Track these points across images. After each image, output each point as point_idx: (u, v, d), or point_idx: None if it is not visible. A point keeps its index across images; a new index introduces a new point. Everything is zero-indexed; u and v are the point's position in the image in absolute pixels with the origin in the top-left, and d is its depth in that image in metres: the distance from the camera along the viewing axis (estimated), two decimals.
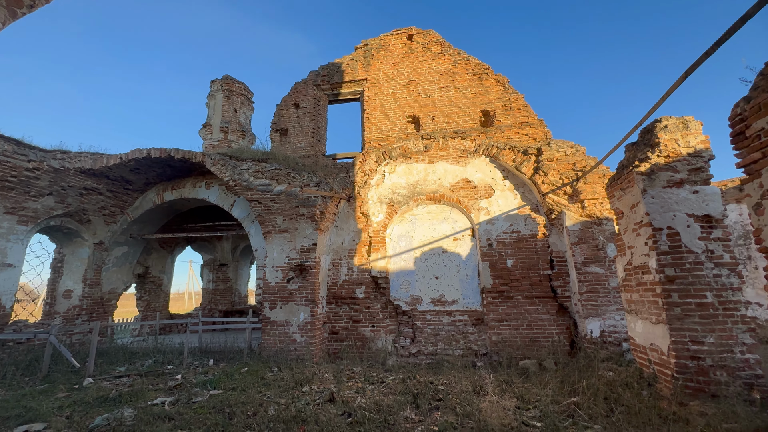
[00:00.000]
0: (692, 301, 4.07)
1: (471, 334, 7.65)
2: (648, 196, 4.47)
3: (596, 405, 4.29)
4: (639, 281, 4.69)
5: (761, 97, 2.86)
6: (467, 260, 8.08)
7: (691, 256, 4.18)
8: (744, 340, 3.87)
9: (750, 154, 3.00)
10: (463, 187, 8.26)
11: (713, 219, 4.20)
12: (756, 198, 2.96)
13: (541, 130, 8.28)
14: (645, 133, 4.86)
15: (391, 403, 4.37)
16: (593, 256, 6.80)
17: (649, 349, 4.56)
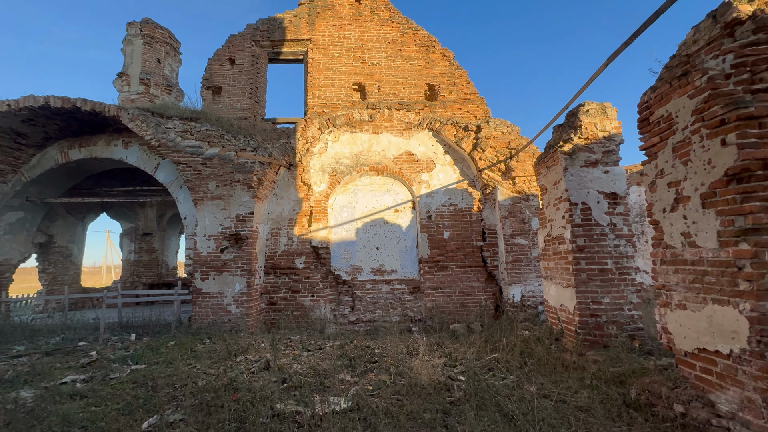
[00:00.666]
0: (596, 268, 4.66)
1: (408, 302, 8.02)
2: (568, 174, 4.93)
3: (513, 359, 4.82)
4: (555, 251, 5.23)
5: (664, 88, 3.23)
6: (407, 231, 8.33)
7: (599, 228, 4.75)
8: (632, 299, 4.57)
9: (651, 138, 3.42)
10: (406, 159, 8.36)
11: (618, 196, 4.78)
12: (652, 177, 3.41)
13: (481, 107, 8.59)
14: (570, 116, 5.28)
15: (327, 368, 4.47)
16: (520, 229, 7.42)
17: (559, 309, 5.18)
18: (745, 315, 2.47)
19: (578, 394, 3.55)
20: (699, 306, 2.85)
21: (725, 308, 2.62)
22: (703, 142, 2.82)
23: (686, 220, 2.98)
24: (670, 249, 3.17)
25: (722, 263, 2.65)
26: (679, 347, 3.07)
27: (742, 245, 2.51)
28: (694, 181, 2.90)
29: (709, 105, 2.77)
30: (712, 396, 2.75)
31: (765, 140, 2.51)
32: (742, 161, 2.52)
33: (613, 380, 3.69)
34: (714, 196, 2.73)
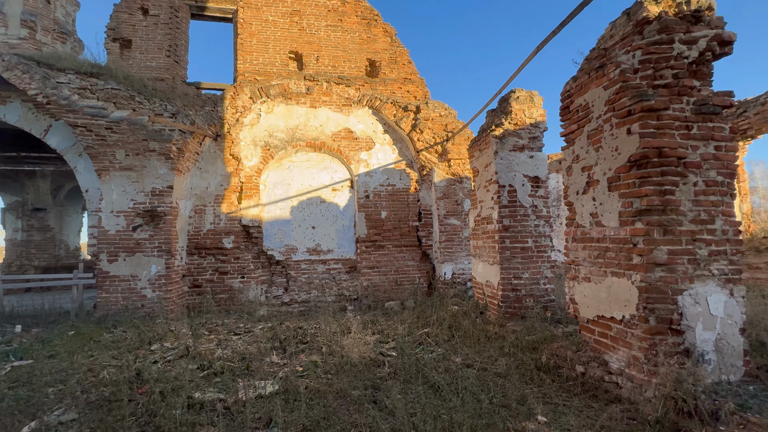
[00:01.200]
0: (518, 246, 5.02)
1: (344, 281, 7.98)
2: (498, 157, 5.16)
3: (442, 333, 5.05)
4: (484, 230, 5.52)
5: (583, 78, 3.46)
6: (344, 211, 8.19)
7: (522, 209, 5.09)
8: (547, 275, 5.02)
9: (570, 125, 3.67)
10: (345, 137, 8.12)
11: (540, 180, 5.15)
12: (569, 162, 3.68)
13: (421, 88, 8.60)
14: (502, 101, 5.49)
15: (255, 351, 4.25)
16: (453, 210, 7.71)
17: (485, 285, 5.52)
18: (636, 285, 2.81)
19: (498, 362, 3.83)
20: (601, 278, 3.19)
21: (621, 280, 2.95)
22: (613, 130, 3.08)
23: (595, 201, 3.28)
24: (580, 228, 3.48)
25: (621, 240, 2.97)
26: (582, 315, 3.43)
27: (638, 224, 2.83)
28: (604, 166, 3.18)
29: (620, 96, 3.02)
30: (606, 356, 3.13)
31: (662, 131, 2.82)
32: (642, 149, 2.81)
33: (528, 347, 4.04)
34: (618, 180, 3.02)
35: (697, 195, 2.78)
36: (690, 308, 2.67)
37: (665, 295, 2.69)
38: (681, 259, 2.72)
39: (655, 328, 2.68)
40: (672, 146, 2.77)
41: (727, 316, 2.69)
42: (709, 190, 2.79)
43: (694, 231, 2.75)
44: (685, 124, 2.84)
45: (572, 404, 2.89)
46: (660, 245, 2.73)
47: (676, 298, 2.68)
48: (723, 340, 2.66)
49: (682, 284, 2.70)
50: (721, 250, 2.76)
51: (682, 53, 2.89)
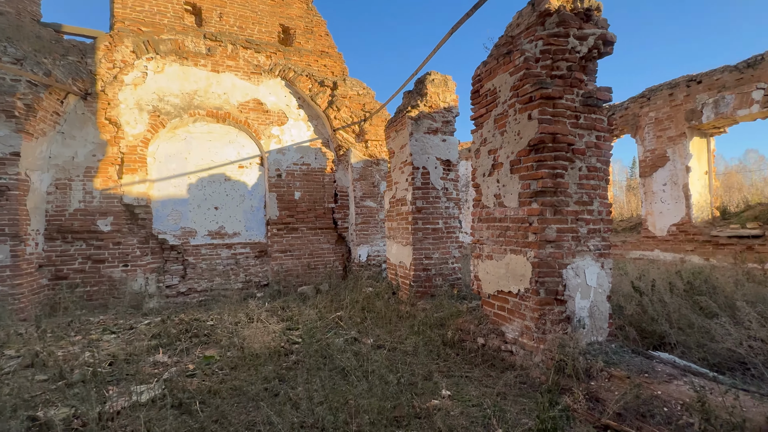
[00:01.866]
0: (430, 227, 5.15)
1: (253, 267, 7.38)
2: (413, 139, 5.17)
3: (356, 315, 4.97)
4: (399, 212, 5.54)
5: (492, 63, 3.56)
6: (253, 190, 7.51)
7: (434, 191, 5.21)
8: (455, 254, 5.27)
9: (479, 109, 3.78)
10: (254, 108, 7.36)
11: (451, 164, 5.32)
12: (477, 145, 3.81)
13: (339, 64, 8.22)
14: (419, 83, 5.49)
15: (136, 351, 3.61)
16: (370, 192, 7.64)
17: (398, 266, 5.59)
18: (530, 261, 3.03)
19: (407, 341, 3.89)
20: (501, 255, 3.39)
21: (518, 256, 3.17)
22: (516, 115, 3.24)
23: (499, 183, 3.45)
24: (485, 209, 3.65)
25: (519, 220, 3.17)
26: (485, 291, 3.63)
27: (534, 205, 3.04)
28: (507, 149, 3.34)
29: (523, 83, 3.17)
30: (503, 328, 3.37)
31: (557, 118, 3.04)
32: (540, 134, 2.99)
33: (437, 324, 4.19)
34: (519, 163, 3.20)
35: (581, 179, 3.09)
36: (572, 280, 2.98)
37: (553, 269, 2.95)
38: (566, 237, 3.00)
39: (544, 299, 2.94)
40: (564, 133, 3.01)
41: (599, 286, 3.08)
42: (591, 175, 3.12)
43: (577, 211, 3.05)
44: (574, 114, 3.10)
45: (474, 375, 3.04)
46: (551, 224, 2.97)
47: (561, 271, 2.97)
48: (595, 306, 3.04)
49: (567, 259, 2.99)
50: (597, 229, 3.13)
51: (575, 48, 3.13)
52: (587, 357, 2.60)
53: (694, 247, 7.33)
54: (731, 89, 6.83)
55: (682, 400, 2.12)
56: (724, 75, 6.96)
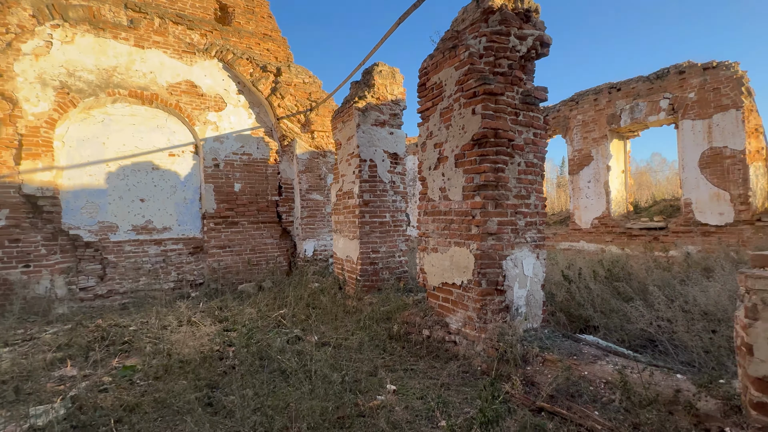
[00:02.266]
0: (377, 220, 5.10)
1: (187, 264, 6.79)
2: (361, 130, 5.06)
3: (300, 312, 4.78)
4: (345, 205, 5.41)
5: (438, 57, 3.57)
6: (187, 181, 6.88)
7: (382, 185, 5.16)
8: (402, 248, 5.29)
9: (426, 102, 3.78)
10: (187, 91, 6.71)
11: (399, 157, 5.31)
12: (423, 138, 3.81)
13: (283, 49, 7.80)
14: (366, 74, 5.38)
15: (35, 365, 3.09)
16: (316, 185, 7.40)
17: (345, 260, 5.48)
18: (473, 253, 3.10)
19: (354, 336, 3.81)
20: (446, 248, 3.43)
21: (462, 249, 3.23)
22: (461, 110, 3.28)
23: (444, 176, 3.48)
24: (431, 202, 3.67)
25: (463, 213, 3.23)
26: (430, 283, 3.67)
27: (477, 198, 3.10)
28: (452, 143, 3.38)
29: (468, 78, 3.21)
30: (447, 319, 3.43)
31: (498, 114, 3.12)
32: (483, 129, 3.06)
33: (383, 318, 4.16)
34: (463, 156, 3.25)
35: (519, 174, 3.22)
36: (511, 270, 3.11)
37: (494, 260, 3.05)
38: (506, 229, 3.12)
39: (486, 290, 3.03)
40: (505, 129, 3.11)
41: (534, 275, 3.25)
42: (528, 170, 3.27)
43: (516, 204, 3.18)
44: (514, 111, 3.22)
45: (419, 367, 3.05)
46: (492, 217, 3.06)
47: (501, 262, 3.08)
48: (531, 295, 3.21)
49: (507, 251, 3.11)
50: (534, 221, 3.29)
51: (516, 47, 3.24)
52: (524, 344, 2.73)
53: (613, 238, 8.18)
54: (644, 97, 7.66)
55: (605, 379, 2.30)
56: (638, 84, 7.78)
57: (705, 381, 1.98)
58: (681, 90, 7.09)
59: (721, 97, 6.56)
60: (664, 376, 2.13)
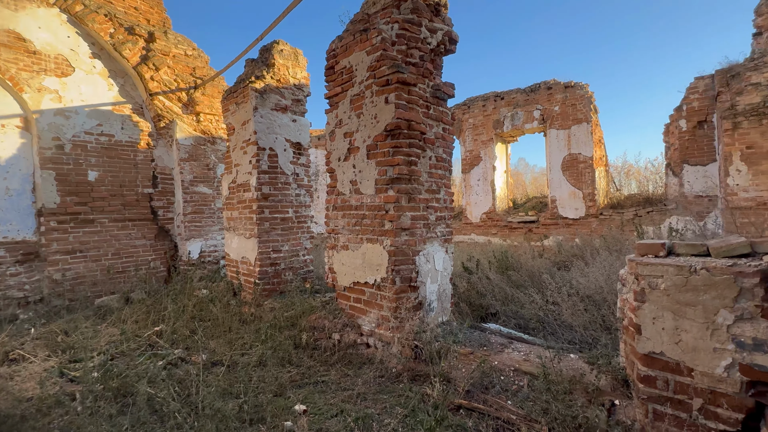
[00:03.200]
0: (278, 216, 4.59)
1: (13, 277, 5.10)
2: (258, 114, 4.47)
3: (184, 327, 4.00)
4: (240, 199, 4.75)
5: (348, 39, 3.31)
6: (11, 166, 5.16)
7: (284, 176, 4.67)
8: (306, 245, 4.89)
9: (334, 87, 3.48)
10: (10, 45, 5.01)
11: (302, 147, 4.88)
12: (332, 126, 3.51)
13: (158, 12, 6.49)
14: (264, 51, 4.78)
15: None
16: (203, 175, 6.39)
17: (240, 262, 4.81)
18: (386, 249, 2.95)
19: (253, 350, 3.31)
20: (358, 245, 3.21)
21: (375, 245, 3.05)
22: (373, 97, 3.08)
23: (355, 169, 3.24)
24: (341, 196, 3.40)
25: (376, 207, 3.05)
26: (340, 284, 3.41)
27: (390, 192, 2.96)
28: (364, 133, 3.16)
29: (380, 64, 3.02)
30: (360, 320, 3.23)
31: (412, 105, 3.02)
32: (396, 119, 2.91)
33: (287, 325, 3.73)
34: (376, 148, 3.07)
35: (431, 168, 3.19)
36: (423, 266, 3.06)
37: (408, 256, 2.96)
38: (419, 224, 3.06)
39: (400, 287, 2.91)
40: (418, 121, 3.03)
41: (444, 270, 3.28)
42: (438, 165, 3.27)
43: (428, 199, 3.14)
44: (426, 104, 3.17)
45: (330, 378, 2.77)
46: (406, 211, 2.96)
47: (414, 258, 3.00)
48: (442, 289, 3.22)
49: (419, 246, 3.05)
50: (443, 216, 3.32)
51: (427, 39, 3.18)
52: (438, 340, 2.69)
53: (497, 230, 9.18)
54: (522, 107, 8.74)
55: (513, 366, 2.39)
56: (517, 95, 8.85)
57: (594, 359, 2.19)
58: (549, 103, 8.30)
59: (577, 111, 7.89)
60: (563, 358, 2.30)
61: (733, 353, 1.49)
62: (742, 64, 5.65)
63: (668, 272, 1.63)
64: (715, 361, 1.53)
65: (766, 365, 1.43)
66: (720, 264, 1.53)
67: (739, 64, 5.77)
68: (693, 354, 1.58)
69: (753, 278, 1.44)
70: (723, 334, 1.51)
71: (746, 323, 1.47)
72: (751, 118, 5.10)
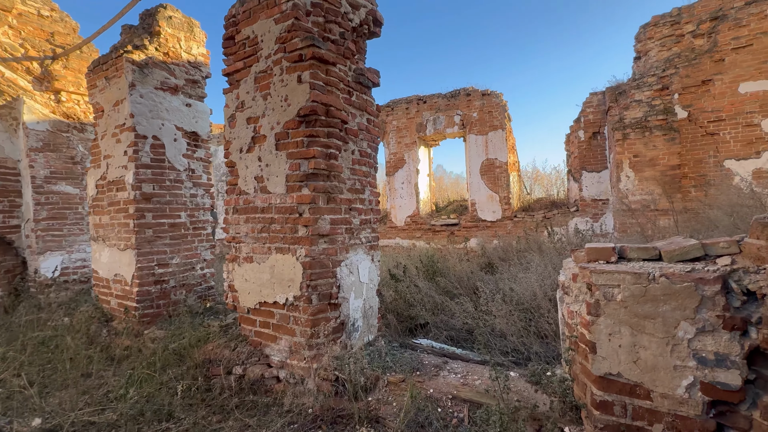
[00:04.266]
0: (166, 222, 3.69)
1: None
2: (137, 93, 3.53)
3: (14, 373, 2.90)
4: (112, 200, 3.71)
5: (251, 3, 2.70)
6: None
7: (174, 173, 3.78)
8: (205, 256, 4.04)
9: (235, 62, 2.83)
10: None
11: (200, 138, 4.04)
12: (232, 109, 2.84)
13: None
14: (147, 16, 3.85)
15: None
16: (66, 171, 5.00)
17: (113, 281, 3.76)
18: (300, 261, 2.41)
19: (120, 402, 2.46)
20: (264, 257, 2.61)
21: (286, 256, 2.48)
22: (283, 75, 2.52)
23: (261, 162, 2.64)
24: (244, 195, 2.76)
25: (287, 209, 2.49)
26: (243, 304, 2.75)
27: (305, 190, 2.43)
28: (272, 118, 2.58)
29: (292, 36, 2.49)
30: (268, 350, 2.61)
31: (330, 88, 2.54)
32: (312, 102, 2.40)
33: (174, 360, 2.93)
34: (287, 137, 2.51)
35: (354, 164, 2.75)
36: (346, 279, 2.59)
37: (327, 268, 2.46)
38: (340, 229, 2.58)
39: (318, 307, 2.39)
40: (338, 107, 2.56)
41: (370, 281, 2.85)
42: (362, 160, 2.84)
43: (351, 200, 2.69)
44: (348, 89, 2.72)
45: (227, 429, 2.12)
46: (324, 214, 2.46)
47: (335, 270, 2.52)
48: (368, 304, 2.79)
49: (341, 255, 2.57)
50: (368, 219, 2.89)
51: (348, 14, 2.75)
52: (365, 370, 2.23)
53: (422, 234, 9.15)
54: (443, 112, 8.87)
55: (451, 393, 2.05)
56: (439, 100, 8.96)
57: (536, 377, 1.96)
58: (468, 109, 8.55)
59: (493, 118, 8.25)
60: (500, 377, 2.03)
61: (695, 370, 1.32)
62: (626, 83, 6.40)
63: (625, 281, 1.41)
64: (675, 381, 1.35)
65: (728, 382, 1.27)
66: (678, 270, 1.36)
67: (624, 83, 6.54)
68: (652, 374, 1.38)
69: (714, 285, 1.28)
70: (684, 349, 1.33)
71: (707, 336, 1.30)
72: (636, 130, 5.77)
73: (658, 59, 6.07)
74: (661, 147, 5.64)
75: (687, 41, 5.82)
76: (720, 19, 5.53)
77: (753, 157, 5.35)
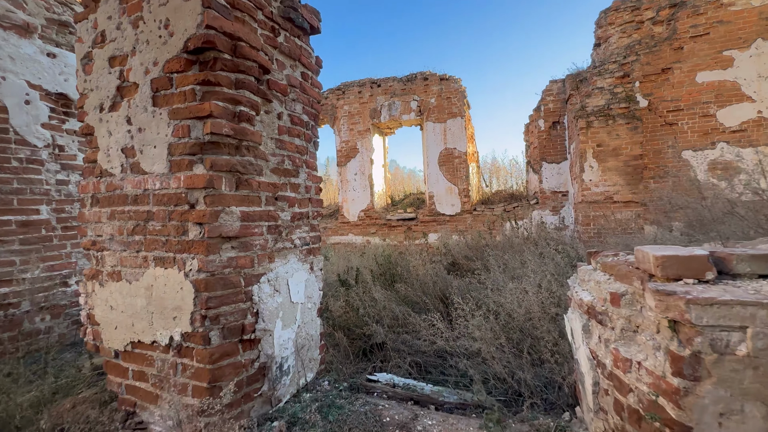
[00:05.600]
0: (13, 219, 2.57)
1: None
2: None
3: None
4: None
5: None
6: None
7: (26, 150, 2.65)
8: (82, 266, 2.96)
9: None
10: None
11: (70, 101, 2.92)
12: (87, 46, 1.86)
13: None
14: None
15: None
16: None
17: None
18: (191, 279, 1.54)
19: None
20: (139, 272, 1.69)
21: (170, 271, 1.60)
22: None
23: (131, 125, 1.71)
24: (106, 178, 1.80)
25: (171, 198, 1.60)
26: (108, 345, 1.80)
27: (197, 168, 1.55)
28: (147, 56, 1.66)
29: None
30: (146, 414, 1.71)
31: (239, 13, 1.67)
32: (207, 28, 1.53)
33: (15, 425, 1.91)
34: (169, 85, 1.61)
35: (281, 133, 1.91)
36: (268, 301, 1.76)
37: (235, 288, 1.61)
38: (259, 228, 1.74)
39: (220, 348, 1.54)
40: (253, 44, 1.70)
41: (308, 299, 2.05)
42: (295, 130, 2.01)
43: (276, 184, 1.86)
44: (271, 24, 1.87)
45: None
46: (231, 205, 1.61)
47: (250, 289, 1.68)
48: (304, 332, 1.98)
49: (260, 266, 1.74)
50: (304, 213, 2.08)
51: None
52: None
53: (376, 229, 8.43)
54: (399, 97, 8.18)
55: None
56: (394, 84, 8.25)
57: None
58: (426, 95, 7.94)
59: (452, 105, 7.72)
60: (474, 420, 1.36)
61: None
62: (587, 70, 6.15)
63: (758, 319, 0.77)
64: None
65: None
66: None
67: (584, 70, 6.29)
68: None
69: None
70: None
71: None
72: (600, 118, 5.51)
73: (618, 46, 5.87)
74: (624, 136, 5.42)
75: (647, 28, 5.65)
76: (679, 6, 5.40)
77: (708, 148, 5.31)
